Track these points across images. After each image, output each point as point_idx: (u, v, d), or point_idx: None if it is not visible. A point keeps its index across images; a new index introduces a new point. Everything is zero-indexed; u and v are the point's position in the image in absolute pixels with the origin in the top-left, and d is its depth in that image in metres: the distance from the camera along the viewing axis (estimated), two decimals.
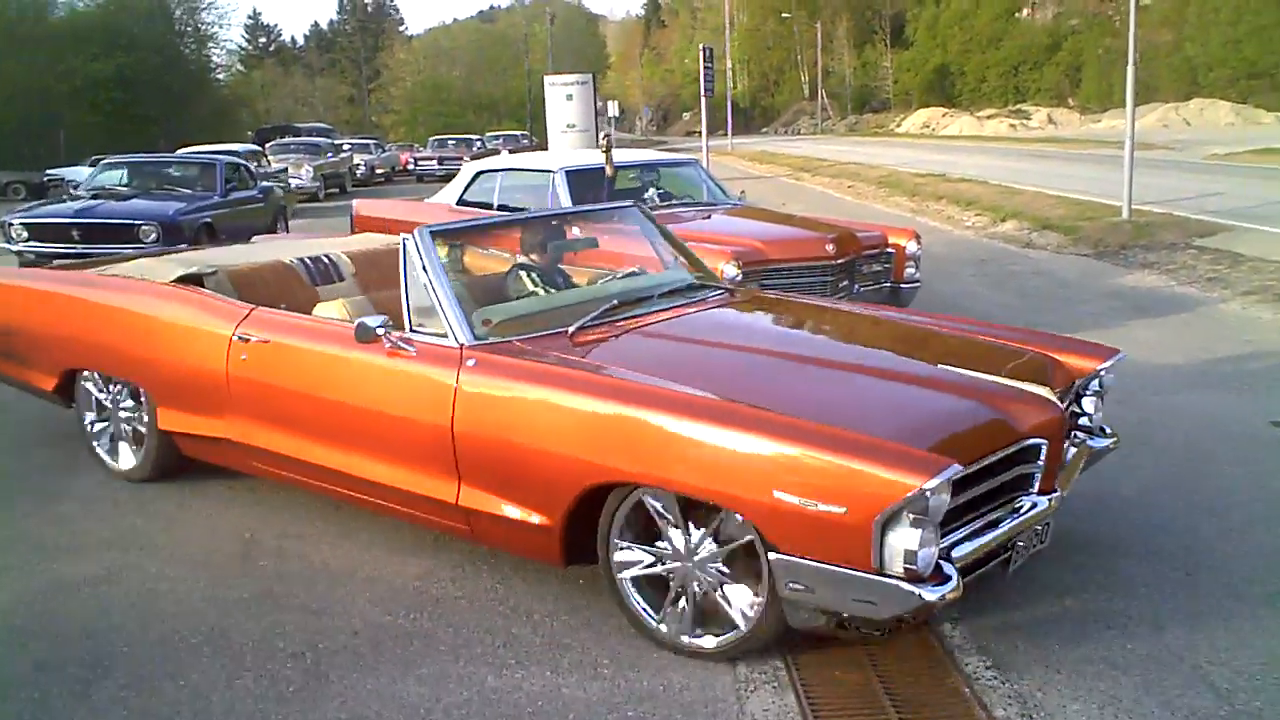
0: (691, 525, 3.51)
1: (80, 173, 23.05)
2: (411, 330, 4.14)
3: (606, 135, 8.68)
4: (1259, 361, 7.42)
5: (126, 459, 5.50)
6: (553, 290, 4.85)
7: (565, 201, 8.47)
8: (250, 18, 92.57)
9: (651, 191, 9.14)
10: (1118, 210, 14.86)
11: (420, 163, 38.42)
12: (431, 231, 4.28)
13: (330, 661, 3.63)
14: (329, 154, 29.48)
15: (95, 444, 5.62)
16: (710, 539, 3.47)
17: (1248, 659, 3.47)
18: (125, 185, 13.54)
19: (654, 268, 5.18)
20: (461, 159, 35.49)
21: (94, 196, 12.96)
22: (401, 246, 4.23)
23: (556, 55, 54.99)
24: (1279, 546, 4.34)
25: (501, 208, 9.16)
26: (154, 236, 11.28)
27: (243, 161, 15.45)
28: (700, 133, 17.09)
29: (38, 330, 5.78)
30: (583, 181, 8.66)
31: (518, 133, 50.59)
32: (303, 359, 4.52)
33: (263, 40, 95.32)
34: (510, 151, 43.76)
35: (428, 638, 3.79)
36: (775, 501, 3.18)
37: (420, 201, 11.00)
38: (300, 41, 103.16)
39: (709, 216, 8.73)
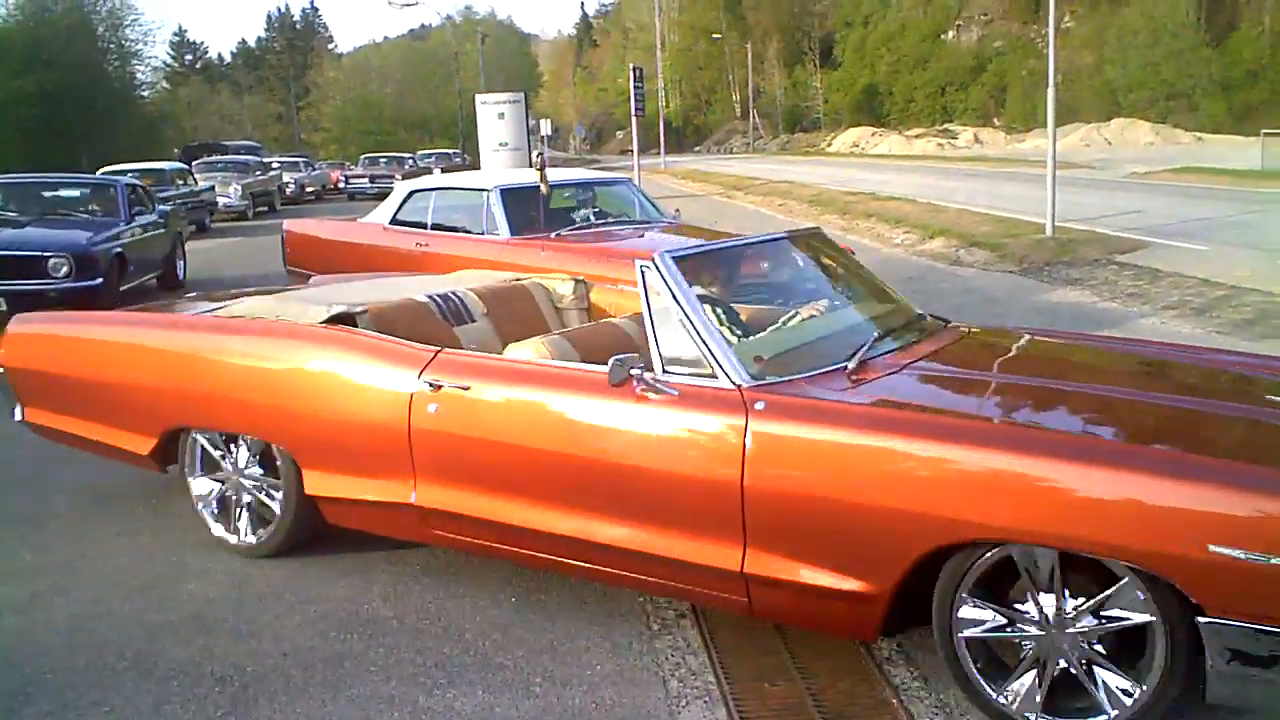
0: (1067, 591, 3.07)
1: None
2: (665, 371, 3.58)
3: (540, 154, 8.68)
4: None
5: (248, 532, 4.74)
6: (758, 324, 4.19)
7: (500, 220, 8.49)
8: (176, 34, 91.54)
9: (585, 210, 9.15)
10: (1042, 228, 15.18)
11: (352, 181, 37.95)
12: (675, 257, 3.71)
13: (259, 685, 3.59)
14: (257, 172, 29.17)
15: (207, 514, 4.84)
16: (1089, 612, 3.04)
17: None
18: (9, 211, 11.87)
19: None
20: (394, 177, 35.27)
21: None
22: (639, 276, 3.67)
23: (488, 74, 54.89)
24: None
25: (435, 227, 9.17)
26: (65, 270, 10.02)
27: (139, 182, 13.89)
28: (632, 151, 17.14)
29: (131, 384, 4.89)
30: (518, 200, 8.67)
31: (450, 151, 50.42)
32: (515, 408, 3.90)
33: (189, 57, 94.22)
34: (443, 170, 43.62)
35: (358, 659, 3.76)
36: (1211, 556, 2.74)
37: (353, 221, 10.86)
38: (227, 59, 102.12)
39: (643, 235, 8.75)
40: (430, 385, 4.00)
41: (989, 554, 3.11)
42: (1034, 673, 3.14)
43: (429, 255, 9.01)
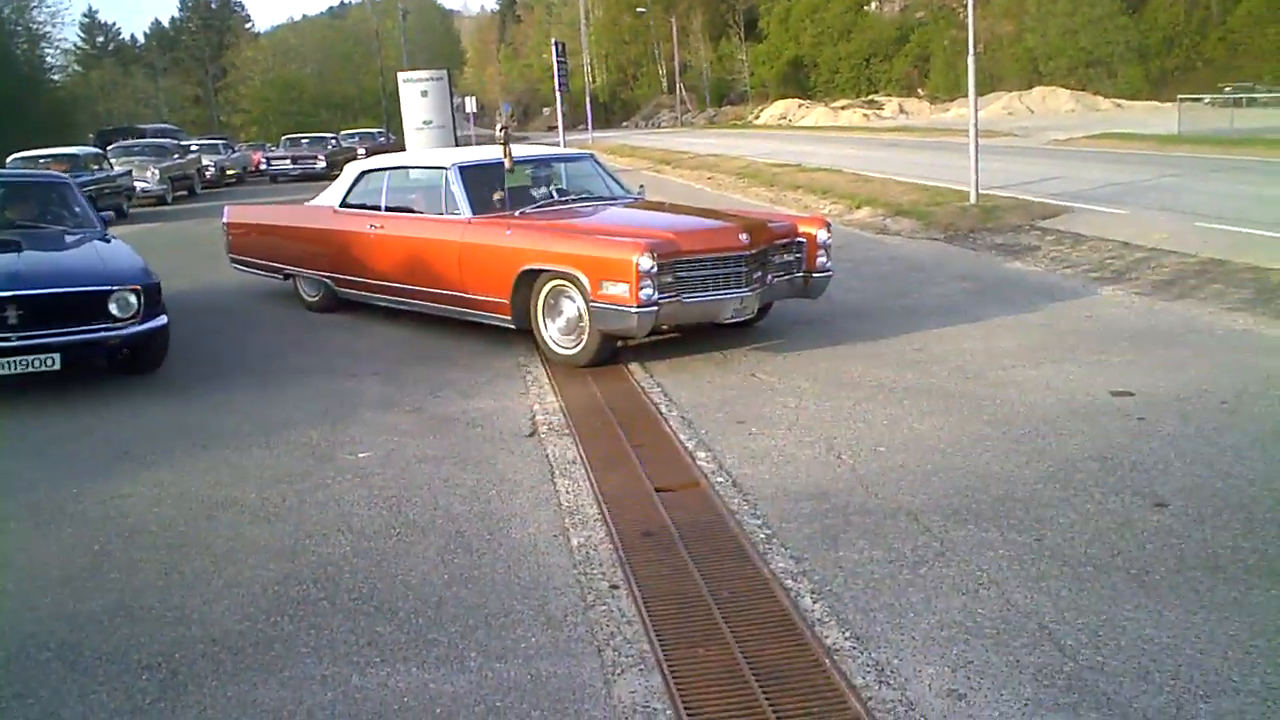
0: None
1: None
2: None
3: (504, 129, 8.53)
4: (1099, 335, 7.76)
5: None
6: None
7: (461, 199, 8.25)
8: (86, 16, 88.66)
9: (546, 187, 8.93)
10: (966, 195, 15.36)
11: (273, 163, 36.64)
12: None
13: (188, 671, 3.53)
14: (175, 155, 28.49)
15: None
16: None
17: (1090, 618, 3.62)
18: None
19: None
20: (316, 159, 34.64)
21: None
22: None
23: (411, 52, 54.20)
24: (1120, 510, 4.55)
25: (391, 209, 8.97)
26: (133, 309, 7.21)
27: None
28: (558, 127, 17.02)
29: None
30: (478, 178, 8.45)
31: (375, 130, 49.42)
32: None
33: (101, 39, 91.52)
34: (368, 151, 42.81)
35: (288, 641, 3.71)
36: None
37: (300, 206, 10.56)
38: (141, 40, 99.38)
39: (608, 211, 8.60)
40: None
41: None
42: None
43: (384, 238, 8.87)
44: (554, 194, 8.81)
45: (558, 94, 14.75)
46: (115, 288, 7.16)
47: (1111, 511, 4.53)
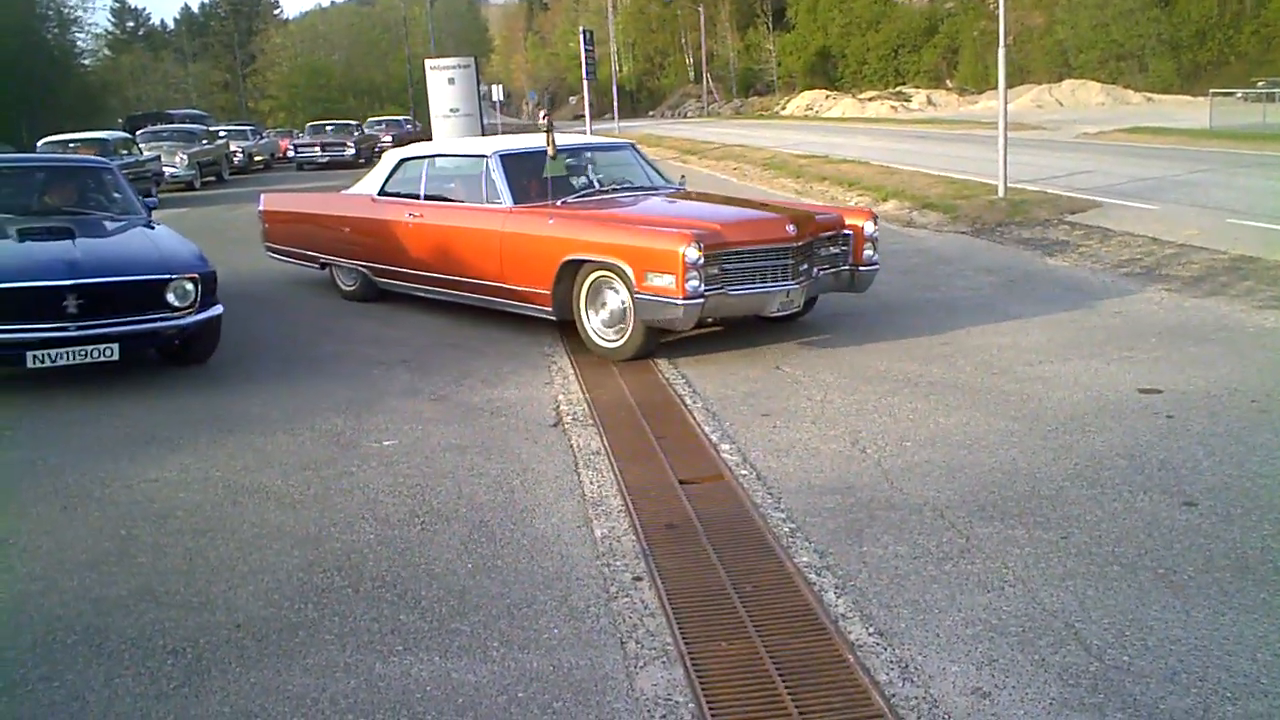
0: None
1: None
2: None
3: (548, 117, 8.50)
4: (1128, 332, 7.70)
5: None
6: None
7: (502, 188, 8.17)
8: (116, 1, 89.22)
9: (585, 177, 8.78)
10: (994, 189, 15.26)
11: (301, 150, 35.43)
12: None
13: (212, 656, 3.55)
14: (204, 141, 28.62)
15: None
16: None
17: (1117, 617, 3.60)
18: None
19: None
20: (345, 145, 34.46)
21: None
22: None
23: (438, 39, 54.22)
24: (1148, 509, 4.51)
25: (430, 197, 8.87)
26: (191, 298, 7.10)
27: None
28: (585, 116, 17.00)
29: None
30: (519, 167, 8.38)
31: (401, 118, 49.37)
32: None
33: (131, 24, 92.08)
34: (395, 138, 42.70)
35: (313, 628, 3.72)
36: None
37: (337, 194, 10.41)
38: (171, 25, 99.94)
39: (650, 201, 8.45)
40: None
41: None
42: None
43: (424, 227, 8.76)
44: (595, 184, 8.68)
45: (585, 83, 14.74)
46: (174, 276, 7.04)
47: (1139, 510, 4.49)
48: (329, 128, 37.76)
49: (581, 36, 14.94)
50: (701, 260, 6.77)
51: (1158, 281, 9.50)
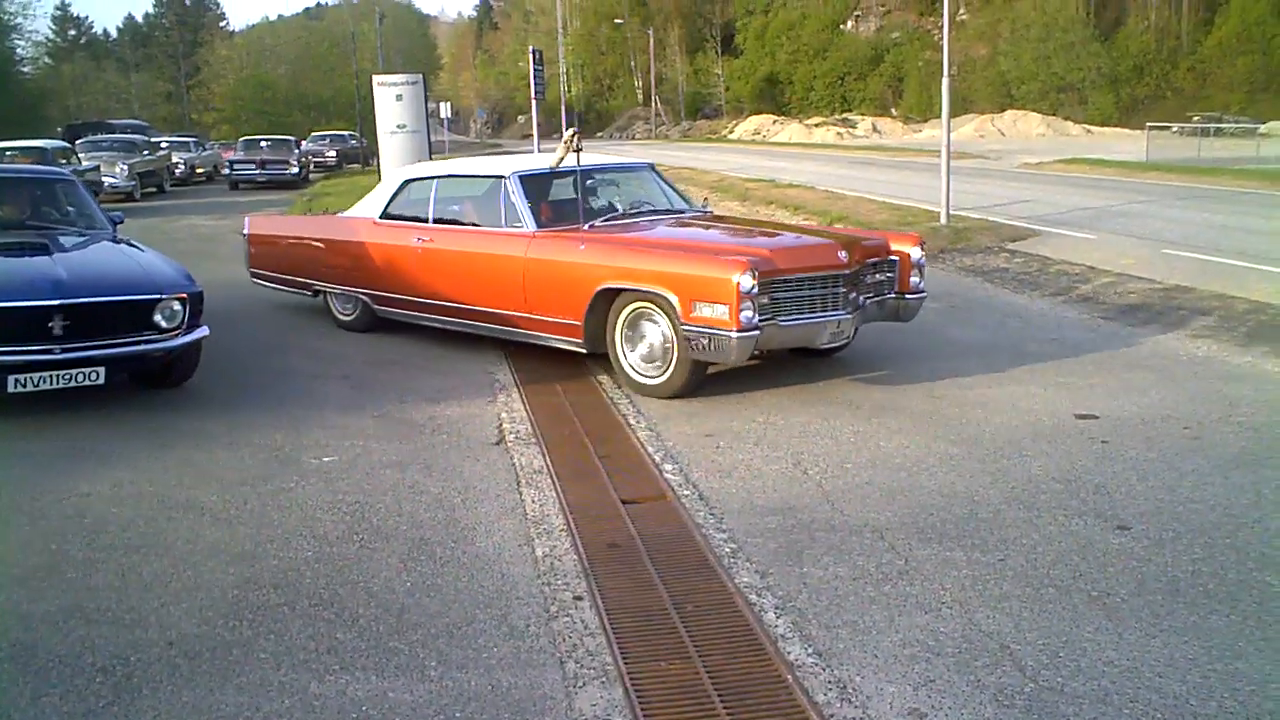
0: None
1: None
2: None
3: (575, 131, 7.75)
4: (1066, 357, 7.82)
5: None
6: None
7: (523, 211, 7.58)
8: (58, 8, 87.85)
9: (605, 199, 8.24)
10: (937, 216, 15.47)
11: (237, 167, 31.06)
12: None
13: (143, 674, 3.48)
14: (145, 152, 28.24)
15: None
16: None
17: (1051, 639, 3.64)
18: None
19: None
20: (287, 163, 31.01)
21: None
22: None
23: (387, 55, 54.02)
24: (1083, 532, 4.58)
25: (441, 221, 8.26)
26: (179, 318, 6.76)
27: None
28: (533, 135, 17.02)
29: None
30: (539, 188, 7.95)
31: (346, 133, 48.81)
32: None
33: (72, 32, 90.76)
34: (339, 153, 42.04)
35: (247, 646, 3.66)
36: None
37: (333, 216, 9.69)
38: (114, 34, 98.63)
39: (687, 225, 7.94)
40: None
41: None
42: None
43: (434, 253, 8.12)
44: (616, 206, 8.07)
45: (533, 102, 14.74)
46: (163, 296, 6.65)
47: (1074, 533, 4.56)
48: (264, 143, 33.30)
49: (531, 56, 14.98)
50: (755, 289, 6.32)
51: (1095, 309, 9.68)
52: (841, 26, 77.45)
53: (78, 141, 27.13)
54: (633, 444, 5.94)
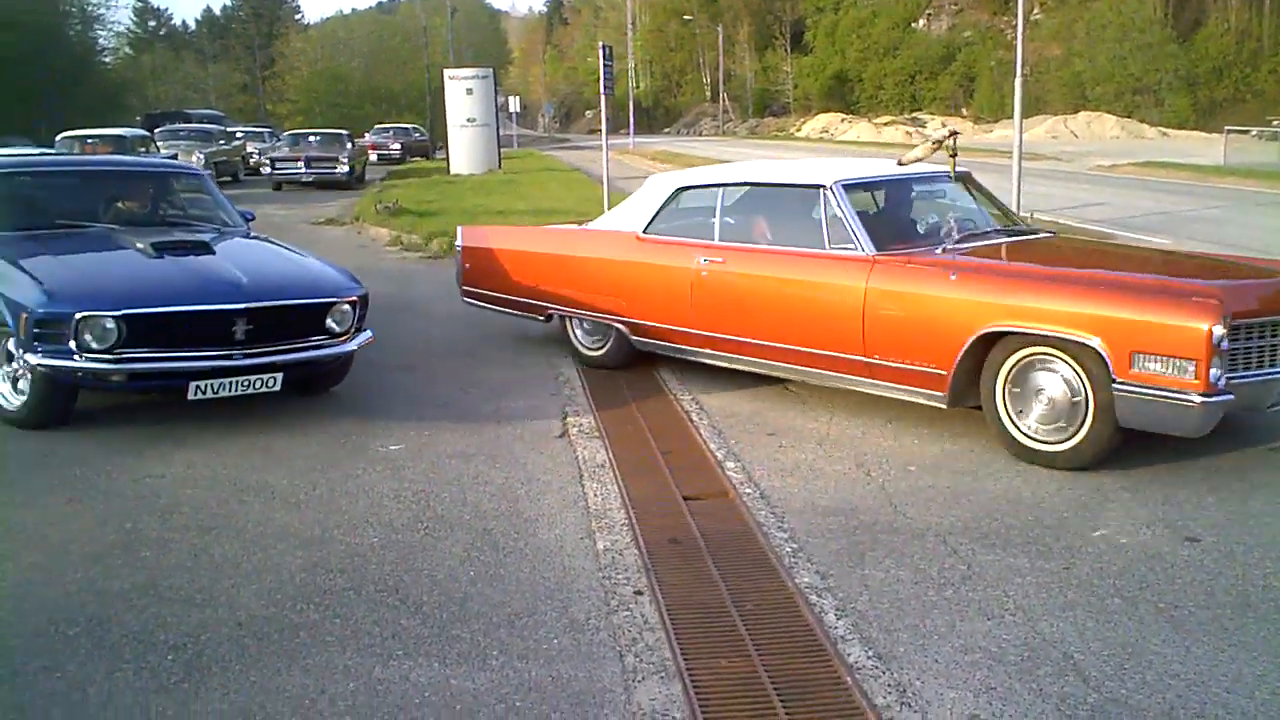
0: None
1: None
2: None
3: (953, 131, 6.77)
4: None
5: None
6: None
7: (856, 228, 6.13)
8: (139, 0, 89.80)
9: (938, 216, 6.71)
10: None
11: (280, 166, 27.22)
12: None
13: (213, 653, 3.57)
14: (220, 141, 28.79)
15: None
16: None
17: (1117, 649, 3.59)
18: (62, 218, 7.31)
19: None
20: (336, 161, 27.21)
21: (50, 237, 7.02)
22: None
23: (457, 49, 54.51)
24: (1150, 542, 4.51)
25: (730, 239, 6.82)
26: (349, 323, 6.51)
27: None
28: (601, 131, 17.07)
29: None
30: (867, 198, 6.73)
31: (409, 126, 48.94)
32: None
33: (152, 23, 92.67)
34: (403, 147, 42.15)
35: (314, 629, 3.74)
36: None
37: (575, 229, 8.24)
38: (192, 26, 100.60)
39: (1060, 250, 6.84)
40: None
41: None
42: None
43: (725, 277, 6.69)
44: (953, 225, 6.34)
45: (603, 97, 14.78)
46: (336, 300, 6.41)
47: (1142, 543, 4.49)
48: (313, 138, 29.36)
49: (601, 52, 15.00)
50: (1225, 340, 4.99)
51: None
52: (913, 25, 76.67)
53: (156, 130, 27.75)
54: (695, 441, 5.96)
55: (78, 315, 5.65)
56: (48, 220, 7.23)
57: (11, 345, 6.01)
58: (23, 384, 6.04)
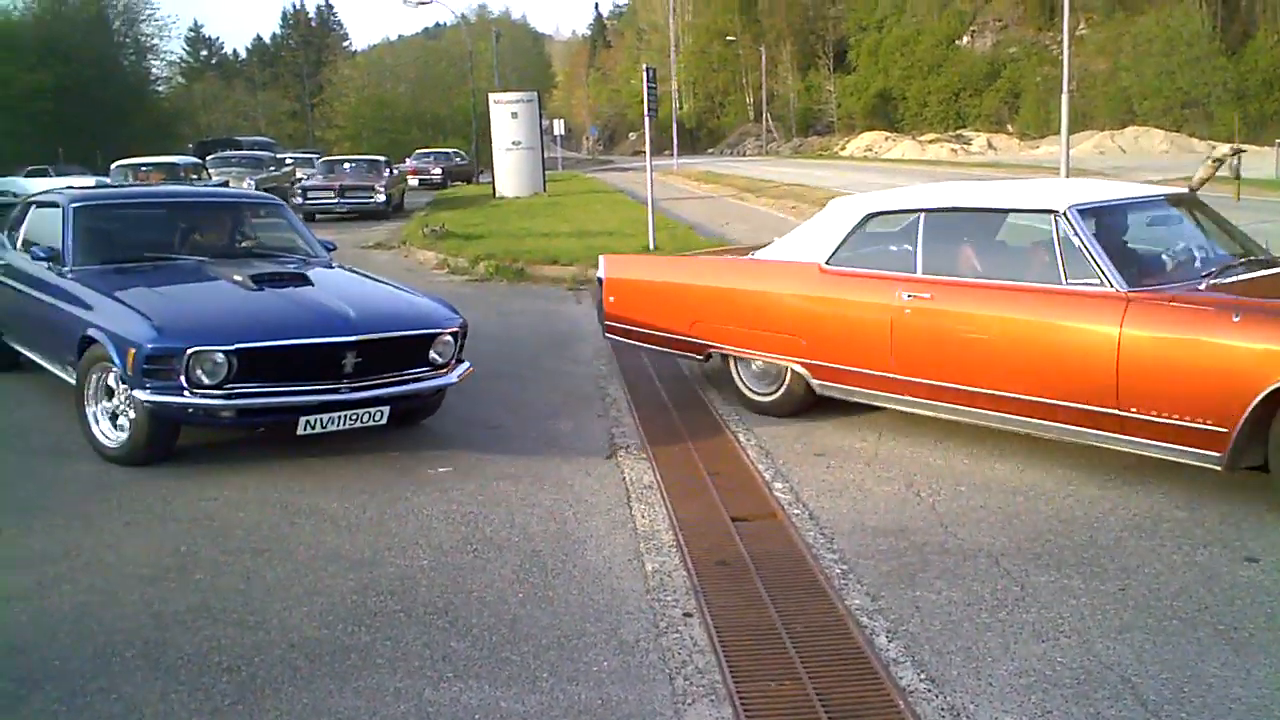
0: None
1: (20, 184, 19.82)
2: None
3: (1238, 150, 5.71)
4: None
5: None
6: None
7: (1102, 261, 5.33)
8: (191, 30, 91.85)
9: (1179, 242, 6.02)
10: None
11: (312, 195, 25.76)
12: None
13: (266, 675, 3.60)
14: (271, 167, 29.18)
15: None
16: None
17: (1175, 672, 3.53)
18: (147, 250, 7.21)
19: None
20: (373, 190, 25.91)
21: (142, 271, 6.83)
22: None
23: (502, 73, 54.91)
24: (1208, 563, 4.44)
25: (936, 272, 5.98)
26: (450, 352, 6.34)
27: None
28: (645, 152, 17.14)
29: None
30: (1115, 229, 5.83)
31: (450, 150, 48.29)
32: None
33: (204, 53, 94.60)
34: (444, 171, 42.32)
35: (365, 651, 3.76)
36: None
37: (738, 258, 7.48)
38: (243, 55, 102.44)
39: None
40: None
41: None
42: None
43: (933, 315, 5.89)
44: (1203, 255, 5.76)
45: (646, 119, 14.82)
46: (440, 330, 6.23)
47: (1199, 564, 4.42)
48: (348, 165, 27.92)
49: (644, 74, 15.06)
50: None
51: None
52: (956, 42, 76.38)
53: (208, 157, 28.19)
54: (743, 461, 5.94)
55: (190, 350, 5.48)
56: (135, 253, 7.10)
57: (113, 381, 5.90)
58: (123, 420, 5.91)
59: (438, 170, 42.07)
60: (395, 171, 29.28)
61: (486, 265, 14.31)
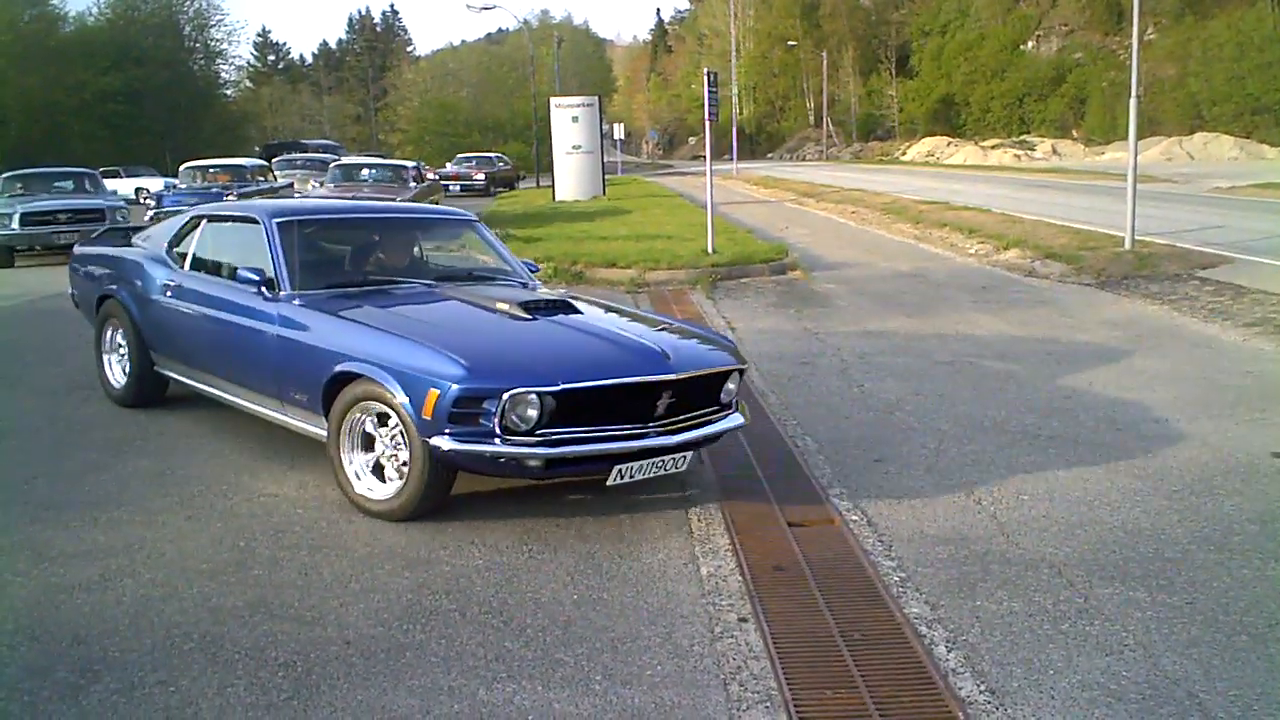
0: None
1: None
2: None
3: None
4: (1261, 393, 7.40)
5: None
6: None
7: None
8: (260, 35, 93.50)
9: None
10: (1120, 240, 14.87)
11: None
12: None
13: (321, 671, 3.61)
14: None
15: None
16: None
17: (1244, 689, 3.44)
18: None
19: None
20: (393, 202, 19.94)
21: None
22: None
23: (563, 78, 55.14)
24: (1278, 577, 4.31)
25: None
26: (735, 389, 5.71)
27: None
28: (705, 157, 17.09)
29: None
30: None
31: (493, 155, 44.96)
32: None
33: (271, 58, 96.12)
34: (486, 176, 38.85)
35: (419, 649, 3.76)
36: None
37: None
38: (309, 60, 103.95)
39: None
40: None
41: None
42: None
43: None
44: None
45: (707, 124, 14.79)
46: (735, 368, 5.49)
47: (1270, 578, 4.30)
48: (367, 171, 22.31)
49: (705, 79, 15.03)
50: None
51: None
52: (1021, 47, 75.48)
53: (274, 160, 28.62)
54: (800, 466, 5.88)
55: (508, 392, 4.68)
56: (356, 275, 6.41)
57: (389, 426, 5.07)
58: (391, 469, 5.11)
59: (480, 175, 39.14)
60: (429, 178, 25.30)
61: (545, 267, 14.36)
